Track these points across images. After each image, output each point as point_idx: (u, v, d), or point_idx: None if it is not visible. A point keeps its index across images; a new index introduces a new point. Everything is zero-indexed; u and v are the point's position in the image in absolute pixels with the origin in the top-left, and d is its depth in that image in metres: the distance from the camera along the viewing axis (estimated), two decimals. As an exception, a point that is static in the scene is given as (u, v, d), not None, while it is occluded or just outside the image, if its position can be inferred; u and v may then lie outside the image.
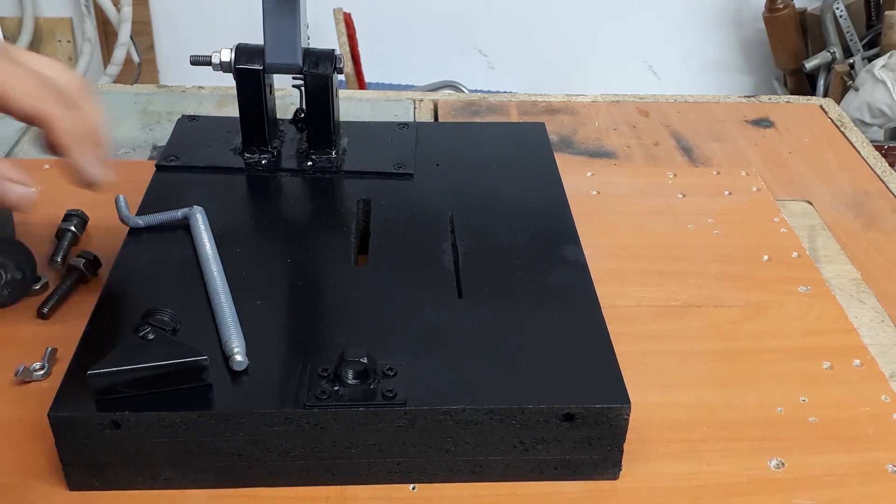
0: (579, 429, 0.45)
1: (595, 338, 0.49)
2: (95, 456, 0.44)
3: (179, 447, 0.44)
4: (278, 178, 0.64)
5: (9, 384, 0.51)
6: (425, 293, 0.52)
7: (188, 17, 2.22)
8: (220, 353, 0.46)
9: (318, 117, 0.64)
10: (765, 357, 0.56)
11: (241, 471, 0.45)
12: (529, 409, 0.44)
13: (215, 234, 0.56)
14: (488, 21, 2.22)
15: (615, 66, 2.28)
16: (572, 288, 0.53)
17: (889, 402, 0.52)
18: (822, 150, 0.83)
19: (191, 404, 0.44)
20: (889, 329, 0.59)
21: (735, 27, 2.28)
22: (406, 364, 0.46)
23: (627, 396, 0.45)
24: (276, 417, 0.44)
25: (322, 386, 0.44)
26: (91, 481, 0.45)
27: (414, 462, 0.46)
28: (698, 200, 0.72)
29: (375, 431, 0.44)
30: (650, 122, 0.87)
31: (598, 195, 0.72)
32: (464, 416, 0.44)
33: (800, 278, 0.63)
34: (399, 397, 0.44)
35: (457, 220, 0.59)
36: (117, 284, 0.52)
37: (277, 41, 0.61)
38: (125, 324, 0.48)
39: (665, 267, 0.64)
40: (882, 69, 1.86)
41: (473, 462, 0.46)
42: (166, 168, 0.64)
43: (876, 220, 0.72)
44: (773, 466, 0.48)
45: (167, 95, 0.89)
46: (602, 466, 0.46)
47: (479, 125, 0.76)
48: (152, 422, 0.43)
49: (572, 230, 0.58)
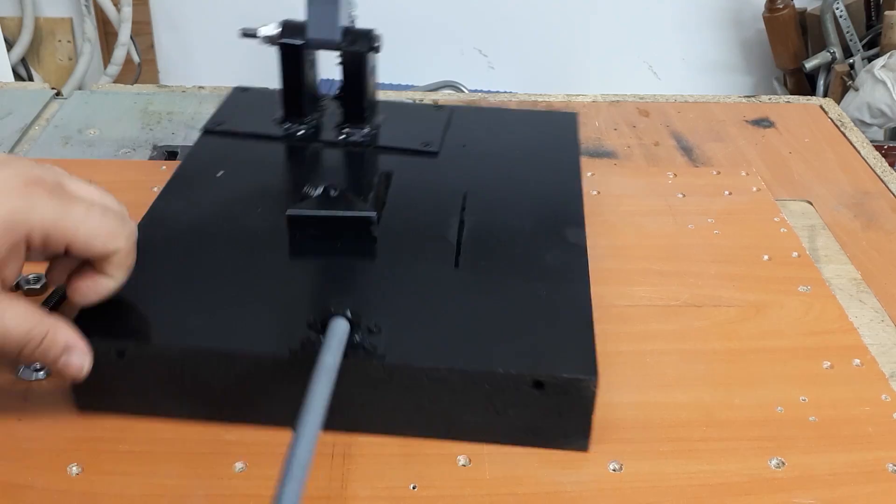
0: (549, 397, 0.46)
1: (577, 314, 0.50)
2: (101, 382, 0.48)
3: (177, 379, 0.48)
4: (311, 148, 0.67)
5: (9, 384, 0.52)
6: (424, 261, 0.55)
7: (188, 17, 2.22)
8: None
9: (352, 93, 0.68)
10: (765, 357, 0.56)
11: (233, 408, 0.49)
12: (500, 373, 0.46)
13: (242, 195, 0.60)
14: (488, 21, 2.22)
15: (615, 66, 2.28)
16: (566, 267, 0.54)
17: (889, 402, 0.52)
18: (822, 150, 0.83)
19: (188, 339, 0.48)
20: (889, 329, 0.60)
21: (735, 27, 2.29)
22: (392, 323, 0.48)
23: (596, 370, 0.46)
24: (264, 359, 0.47)
25: (308, 334, 0.47)
26: (97, 403, 0.49)
27: (391, 415, 0.48)
28: (698, 200, 0.72)
29: (355, 383, 0.47)
30: (650, 122, 0.87)
31: (598, 195, 0.72)
32: (438, 374, 0.46)
33: (800, 278, 0.63)
34: (378, 352, 0.46)
35: (470, 197, 0.61)
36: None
37: (318, 18, 0.65)
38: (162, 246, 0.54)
39: (665, 267, 0.64)
40: (882, 69, 1.86)
41: (448, 421, 0.48)
42: (211, 132, 0.69)
43: (876, 219, 0.72)
44: (774, 466, 0.48)
45: (167, 95, 0.89)
46: (571, 437, 0.48)
47: (512, 111, 0.78)
48: (152, 352, 0.47)
49: (579, 215, 0.60)
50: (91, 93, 0.89)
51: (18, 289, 0.58)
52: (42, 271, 0.58)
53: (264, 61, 0.73)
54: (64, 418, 0.49)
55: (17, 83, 0.97)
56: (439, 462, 0.48)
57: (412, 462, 0.48)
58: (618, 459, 0.48)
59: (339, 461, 0.47)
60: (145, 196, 0.61)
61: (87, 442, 0.48)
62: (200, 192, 0.61)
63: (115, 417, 0.50)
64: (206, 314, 0.50)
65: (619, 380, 0.53)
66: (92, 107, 0.86)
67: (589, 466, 0.48)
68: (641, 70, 2.33)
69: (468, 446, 0.48)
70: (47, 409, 0.50)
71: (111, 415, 0.50)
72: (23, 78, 2.15)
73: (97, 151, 0.78)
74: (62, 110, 0.85)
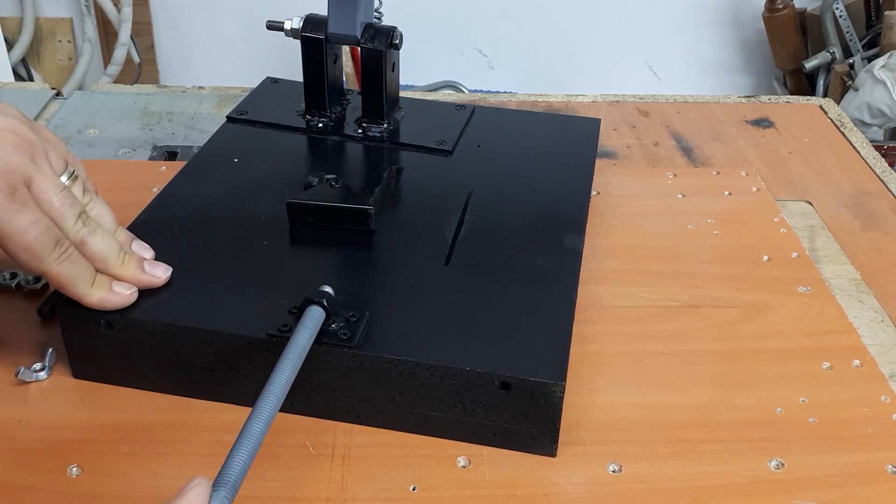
0: (515, 399, 0.47)
1: (557, 319, 0.51)
2: (93, 351, 0.50)
3: (161, 354, 0.49)
4: (330, 140, 0.68)
5: (9, 384, 0.52)
6: (415, 257, 0.55)
7: (188, 17, 2.22)
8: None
9: (371, 88, 0.69)
10: (764, 357, 0.56)
11: (212, 385, 0.50)
12: (466, 370, 0.47)
13: (251, 183, 0.61)
14: (488, 21, 2.22)
15: (615, 66, 2.28)
16: (556, 272, 0.55)
17: (889, 403, 0.52)
18: (822, 151, 0.83)
19: (172, 315, 0.49)
20: (889, 329, 0.60)
21: (735, 27, 2.28)
22: (370, 314, 0.49)
23: (564, 375, 0.46)
24: (241, 340, 0.48)
25: (287, 320, 0.48)
26: (91, 372, 0.51)
27: (363, 405, 0.49)
28: (698, 201, 0.72)
29: (327, 368, 0.48)
30: (650, 123, 0.87)
31: (598, 195, 0.72)
32: (406, 367, 0.47)
33: (799, 278, 0.63)
34: (350, 340, 0.47)
35: (474, 197, 0.62)
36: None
37: (339, 14, 0.66)
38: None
39: (665, 267, 0.64)
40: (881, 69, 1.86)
41: (417, 415, 0.49)
42: (234, 120, 0.70)
43: (876, 220, 0.72)
44: (773, 467, 0.48)
45: (167, 95, 0.89)
46: (539, 441, 0.48)
47: (537, 114, 0.78)
48: (138, 326, 0.49)
49: (580, 221, 0.60)
50: (91, 93, 0.89)
51: (18, 288, 0.58)
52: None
53: (264, 61, 0.73)
54: (64, 419, 0.50)
55: (17, 83, 0.97)
56: (439, 463, 0.48)
57: (412, 463, 0.48)
58: (617, 460, 0.48)
59: (339, 462, 0.47)
60: (145, 196, 0.61)
61: (87, 443, 0.48)
62: (212, 178, 0.62)
63: (116, 418, 0.50)
64: (194, 293, 0.51)
65: (619, 380, 0.53)
66: (92, 107, 0.86)
67: (588, 468, 0.48)
68: (641, 70, 2.33)
69: (468, 447, 0.49)
70: (47, 410, 0.50)
71: (109, 413, 0.50)
72: (23, 78, 2.15)
73: (97, 151, 0.78)
74: (62, 110, 0.85)
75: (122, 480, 0.46)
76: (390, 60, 0.68)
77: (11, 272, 0.58)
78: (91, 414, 0.50)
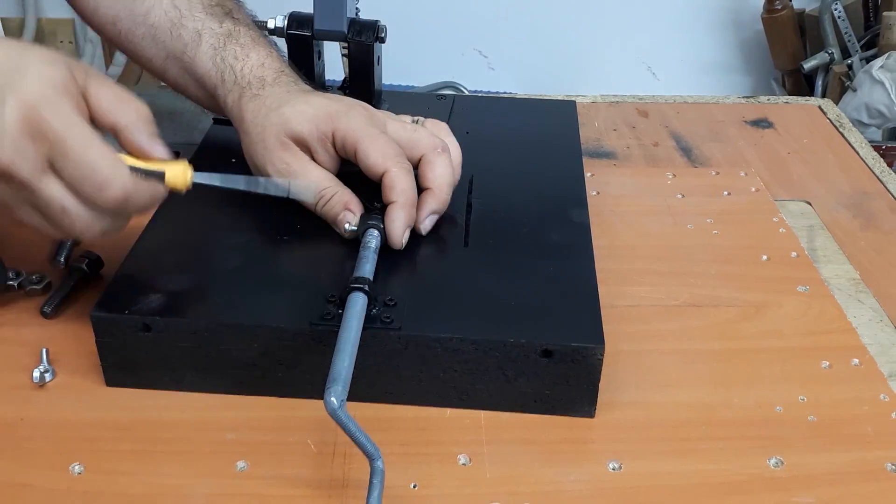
0: (557, 365, 0.48)
1: (583, 288, 0.53)
2: (129, 356, 0.50)
3: (201, 353, 0.50)
4: None
5: (9, 384, 0.52)
6: (435, 241, 0.57)
7: (188, 18, 2.21)
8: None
9: (359, 82, 0.70)
10: (764, 356, 0.56)
11: (255, 380, 0.50)
12: (511, 342, 0.48)
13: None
14: (488, 21, 2.22)
15: (614, 66, 2.28)
16: (571, 245, 0.57)
17: (888, 402, 0.53)
18: (821, 151, 0.83)
19: (213, 313, 0.50)
20: (888, 328, 0.60)
21: (734, 28, 2.28)
22: (407, 298, 0.51)
23: (602, 338, 0.48)
24: (285, 332, 0.49)
25: (328, 309, 0.49)
26: (125, 379, 0.51)
27: (406, 386, 0.50)
28: (697, 201, 0.72)
29: (373, 353, 0.49)
30: (649, 123, 0.87)
31: (597, 195, 0.72)
32: (451, 344, 0.48)
33: (799, 278, 0.63)
34: (394, 323, 0.48)
35: (476, 181, 0.63)
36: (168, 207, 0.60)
37: (325, 10, 0.67)
38: (172, 240, 0.56)
39: (665, 267, 0.64)
40: (880, 70, 1.86)
41: (460, 389, 0.50)
42: (221, 122, 0.70)
43: (874, 220, 0.72)
44: (773, 465, 0.48)
45: (168, 95, 0.89)
46: (579, 403, 0.50)
47: (512, 100, 0.80)
48: (178, 327, 0.49)
49: (581, 196, 0.62)
50: (92, 93, 0.89)
51: (21, 288, 0.58)
52: (44, 271, 0.59)
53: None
54: (66, 418, 0.50)
55: (17, 84, 0.97)
56: (440, 461, 0.48)
57: (412, 461, 0.48)
58: (617, 459, 0.48)
59: (341, 460, 0.48)
60: (146, 196, 0.61)
61: (89, 441, 0.48)
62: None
63: (118, 416, 0.50)
64: (228, 292, 0.52)
65: (619, 379, 0.53)
66: (93, 107, 0.86)
67: (589, 465, 0.48)
68: (640, 71, 2.33)
69: (468, 447, 0.49)
70: (49, 408, 0.50)
71: (111, 411, 0.50)
72: (23, 78, 2.15)
73: (98, 152, 0.78)
74: (63, 111, 0.85)
75: (124, 478, 0.46)
76: (376, 54, 0.69)
77: (15, 271, 0.58)
78: (93, 412, 0.50)
